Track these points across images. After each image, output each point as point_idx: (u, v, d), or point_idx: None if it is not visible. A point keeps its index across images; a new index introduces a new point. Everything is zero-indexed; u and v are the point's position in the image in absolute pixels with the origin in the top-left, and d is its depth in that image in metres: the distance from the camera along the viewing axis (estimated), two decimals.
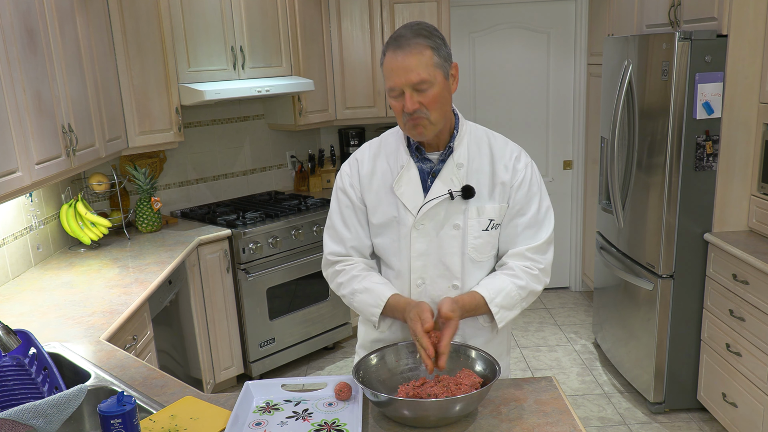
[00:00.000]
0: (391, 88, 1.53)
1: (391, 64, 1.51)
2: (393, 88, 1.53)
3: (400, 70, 1.50)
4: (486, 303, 1.59)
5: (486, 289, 1.60)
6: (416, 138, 1.60)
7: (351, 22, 4.14)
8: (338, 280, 1.71)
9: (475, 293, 1.60)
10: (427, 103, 1.52)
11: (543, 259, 1.65)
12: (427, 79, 1.50)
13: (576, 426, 1.43)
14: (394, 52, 1.51)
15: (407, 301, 1.61)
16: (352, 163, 1.74)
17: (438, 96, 1.52)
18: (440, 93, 1.53)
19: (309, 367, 3.97)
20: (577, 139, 4.80)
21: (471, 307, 1.59)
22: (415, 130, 1.56)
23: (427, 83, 1.50)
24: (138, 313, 2.47)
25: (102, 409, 1.32)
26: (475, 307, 1.59)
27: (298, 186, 4.52)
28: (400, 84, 1.51)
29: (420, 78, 1.49)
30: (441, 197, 1.61)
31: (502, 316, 1.61)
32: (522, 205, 1.65)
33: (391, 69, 1.52)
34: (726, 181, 2.98)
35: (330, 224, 1.75)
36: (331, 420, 1.48)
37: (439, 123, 1.57)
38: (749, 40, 2.82)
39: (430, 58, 1.50)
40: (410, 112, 1.52)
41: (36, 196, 3.02)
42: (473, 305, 1.59)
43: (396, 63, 1.50)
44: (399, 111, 1.55)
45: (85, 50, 2.84)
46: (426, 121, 1.54)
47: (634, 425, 3.21)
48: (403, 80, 1.50)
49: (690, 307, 3.13)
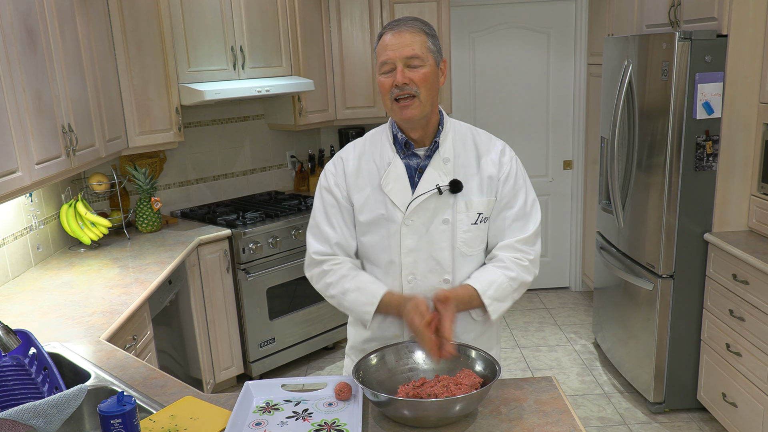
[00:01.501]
0: (383, 62, 1.56)
1: (386, 40, 1.56)
2: (385, 62, 1.55)
3: (395, 44, 1.54)
4: (479, 295, 1.60)
5: (478, 282, 1.61)
6: (404, 119, 1.59)
7: (351, 21, 4.14)
8: (326, 280, 1.70)
9: (468, 286, 1.61)
10: (417, 80, 1.54)
11: (532, 251, 1.67)
12: (420, 55, 1.54)
13: (576, 426, 1.43)
14: (391, 30, 1.56)
15: (401, 296, 1.62)
16: (337, 162, 1.73)
17: (428, 75, 1.55)
18: (431, 74, 1.56)
19: (309, 367, 3.98)
20: (577, 139, 4.80)
21: (465, 299, 1.60)
22: (402, 112, 1.57)
23: (419, 59, 1.54)
24: (138, 313, 2.47)
25: (102, 409, 1.32)
26: (468, 300, 1.60)
27: (298, 186, 4.52)
28: (393, 57, 1.54)
29: (414, 53, 1.53)
30: (429, 192, 1.62)
31: (494, 308, 1.62)
32: (509, 198, 1.67)
33: (385, 45, 1.56)
34: (726, 181, 2.98)
35: (314, 223, 1.74)
36: (331, 420, 1.48)
37: (427, 105, 1.58)
38: (749, 40, 2.82)
39: (424, 40, 1.56)
40: (400, 85, 1.54)
41: (36, 196, 3.02)
42: (466, 298, 1.60)
43: (391, 39, 1.55)
44: (387, 88, 1.56)
45: (85, 50, 2.84)
46: (416, 101, 1.56)
47: (634, 425, 3.21)
48: (396, 53, 1.53)
49: (690, 307, 3.13)
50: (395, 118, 1.62)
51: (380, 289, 1.63)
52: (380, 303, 1.62)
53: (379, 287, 1.64)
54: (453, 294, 1.57)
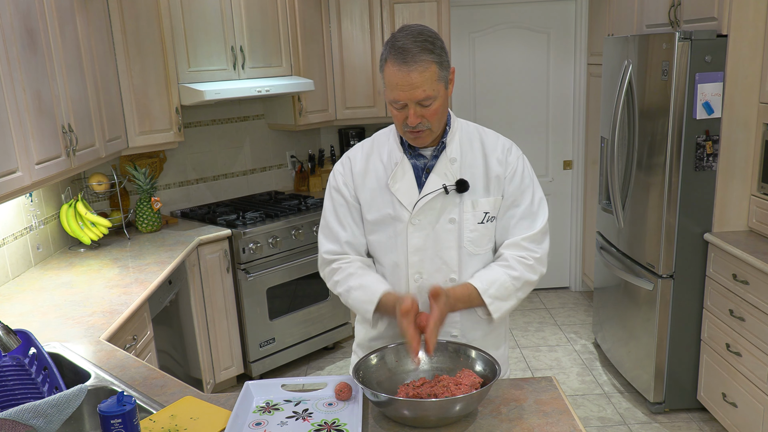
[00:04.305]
0: (394, 100, 1.55)
1: (395, 77, 1.51)
2: (396, 101, 1.54)
3: (405, 86, 1.50)
4: (479, 294, 1.59)
5: (479, 281, 1.61)
6: (417, 145, 1.65)
7: (351, 22, 4.14)
8: (335, 278, 1.71)
9: (468, 284, 1.61)
10: (429, 116, 1.55)
11: (539, 249, 1.66)
12: (432, 95, 1.52)
13: (576, 426, 1.43)
14: (399, 67, 1.50)
15: (396, 296, 1.61)
16: (344, 162, 1.75)
17: (439, 108, 1.56)
18: (442, 105, 1.57)
19: (309, 367, 3.98)
20: (577, 139, 4.80)
21: (463, 297, 1.59)
22: (415, 141, 1.62)
23: (431, 99, 1.53)
24: (138, 313, 2.47)
25: (102, 409, 1.32)
26: (467, 299, 1.60)
27: (298, 186, 4.52)
28: (405, 99, 1.53)
29: (425, 95, 1.51)
30: (436, 192, 1.63)
31: (496, 307, 1.61)
32: (516, 197, 1.67)
33: (395, 83, 1.52)
34: (726, 181, 2.98)
35: (324, 224, 1.76)
36: (331, 420, 1.48)
37: (438, 130, 1.62)
38: (749, 40, 2.82)
39: (434, 73, 1.51)
40: (413, 125, 1.55)
41: (36, 196, 3.02)
42: (465, 296, 1.59)
43: (400, 78, 1.50)
44: (400, 120, 1.58)
45: (85, 50, 2.84)
46: (427, 132, 1.59)
47: (634, 425, 3.21)
48: (407, 96, 1.52)
49: (690, 307, 3.13)
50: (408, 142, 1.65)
51: (380, 289, 1.63)
52: (379, 302, 1.62)
53: (380, 286, 1.64)
54: (450, 291, 1.57)
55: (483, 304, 1.61)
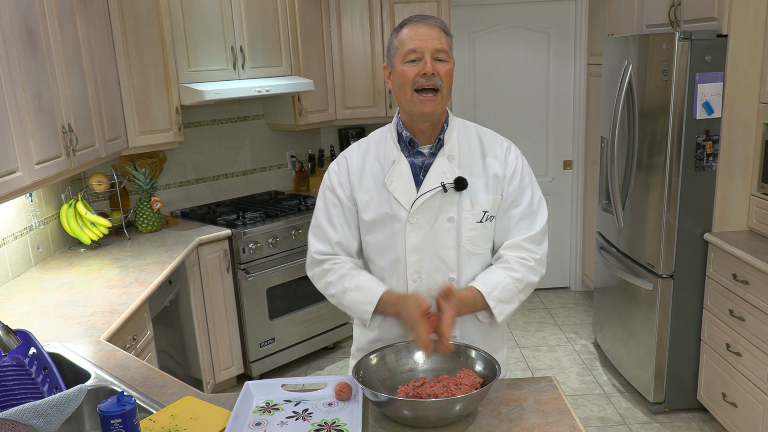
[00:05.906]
0: (411, 50, 1.56)
1: (414, 31, 1.57)
2: (413, 50, 1.55)
3: (425, 36, 1.55)
4: (483, 298, 1.59)
5: (483, 284, 1.61)
6: (424, 113, 1.58)
7: (351, 21, 4.14)
8: (327, 279, 1.70)
9: (472, 288, 1.61)
10: (443, 74, 1.56)
11: (539, 250, 1.66)
12: (447, 50, 1.57)
13: (576, 426, 1.43)
14: (418, 23, 1.57)
15: (399, 295, 1.61)
16: (340, 161, 1.73)
17: (451, 72, 1.58)
18: (452, 72, 1.59)
19: (309, 367, 3.98)
20: (577, 139, 4.80)
21: (469, 301, 1.59)
22: (423, 105, 1.57)
23: (445, 54, 1.57)
24: (138, 313, 2.47)
25: (102, 409, 1.32)
26: (473, 302, 1.60)
27: (298, 186, 4.52)
28: (422, 47, 1.55)
29: (442, 46, 1.56)
30: (434, 190, 1.61)
31: (500, 310, 1.61)
32: (515, 197, 1.66)
33: (413, 35, 1.56)
34: (726, 181, 2.98)
35: (315, 223, 1.74)
36: (331, 420, 1.48)
37: (446, 102, 1.61)
38: (749, 40, 2.82)
39: (447, 39, 1.59)
40: (428, 74, 1.55)
41: (36, 196, 3.02)
42: (470, 300, 1.59)
43: (420, 30, 1.56)
44: (411, 77, 1.56)
45: (85, 50, 2.84)
46: (438, 96, 1.57)
47: (634, 425, 3.21)
48: (426, 44, 1.55)
49: (690, 307, 3.13)
50: (413, 111, 1.59)
51: (379, 288, 1.63)
52: (379, 302, 1.61)
53: (379, 286, 1.64)
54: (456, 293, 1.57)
55: (487, 308, 1.61)
